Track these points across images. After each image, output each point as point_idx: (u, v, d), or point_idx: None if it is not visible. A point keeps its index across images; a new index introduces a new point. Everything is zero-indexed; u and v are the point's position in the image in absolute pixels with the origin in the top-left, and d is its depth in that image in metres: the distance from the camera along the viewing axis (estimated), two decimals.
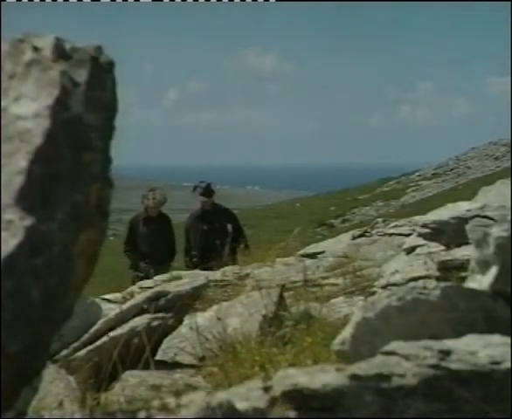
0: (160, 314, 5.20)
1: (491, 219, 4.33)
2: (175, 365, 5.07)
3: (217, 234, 10.28)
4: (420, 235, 6.02)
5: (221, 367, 4.46)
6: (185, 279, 6.50)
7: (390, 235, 8.18)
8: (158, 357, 5.15)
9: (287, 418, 2.21)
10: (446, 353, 2.30)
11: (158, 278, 8.62)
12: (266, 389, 2.27)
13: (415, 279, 4.78)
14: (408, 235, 7.13)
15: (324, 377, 2.25)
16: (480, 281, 3.03)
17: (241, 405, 2.23)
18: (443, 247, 5.67)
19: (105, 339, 5.03)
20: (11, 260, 2.05)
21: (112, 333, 5.06)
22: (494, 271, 2.97)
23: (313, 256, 8.53)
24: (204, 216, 10.84)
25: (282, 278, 7.11)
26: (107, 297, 7.79)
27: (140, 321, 5.13)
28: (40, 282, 2.10)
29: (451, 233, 5.45)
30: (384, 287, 5.61)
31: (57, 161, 2.14)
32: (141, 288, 8.02)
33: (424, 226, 5.94)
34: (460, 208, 5.62)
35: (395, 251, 7.15)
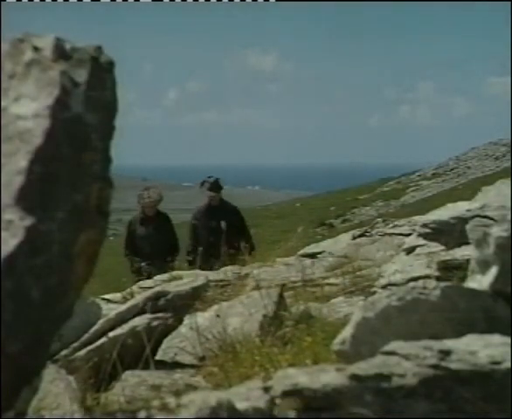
0: (160, 314, 5.20)
1: (491, 219, 4.33)
2: (175, 365, 5.06)
3: (223, 231, 10.15)
4: (420, 235, 6.02)
5: (221, 367, 4.46)
6: (185, 279, 6.49)
7: (391, 235, 8.17)
8: (158, 357, 5.14)
9: (287, 418, 2.21)
10: (446, 353, 2.30)
11: (158, 278, 8.61)
12: (266, 389, 2.27)
13: (415, 279, 4.77)
14: (408, 235, 7.12)
15: (324, 377, 2.25)
16: (480, 281, 3.03)
17: (241, 405, 2.23)
18: (443, 247, 5.67)
19: (105, 339, 5.03)
20: (11, 260, 2.05)
21: (112, 333, 5.06)
22: (494, 271, 2.97)
23: (313, 256, 8.52)
24: (210, 212, 10.70)
25: (282, 278, 7.11)
26: (107, 297, 7.78)
27: (140, 321, 5.13)
28: (40, 282, 2.10)
29: (451, 233, 5.45)
30: (383, 287, 5.60)
31: (57, 161, 2.14)
32: (141, 288, 8.01)
33: (424, 226, 5.93)
34: (460, 208, 5.62)
35: (395, 251, 7.14)
